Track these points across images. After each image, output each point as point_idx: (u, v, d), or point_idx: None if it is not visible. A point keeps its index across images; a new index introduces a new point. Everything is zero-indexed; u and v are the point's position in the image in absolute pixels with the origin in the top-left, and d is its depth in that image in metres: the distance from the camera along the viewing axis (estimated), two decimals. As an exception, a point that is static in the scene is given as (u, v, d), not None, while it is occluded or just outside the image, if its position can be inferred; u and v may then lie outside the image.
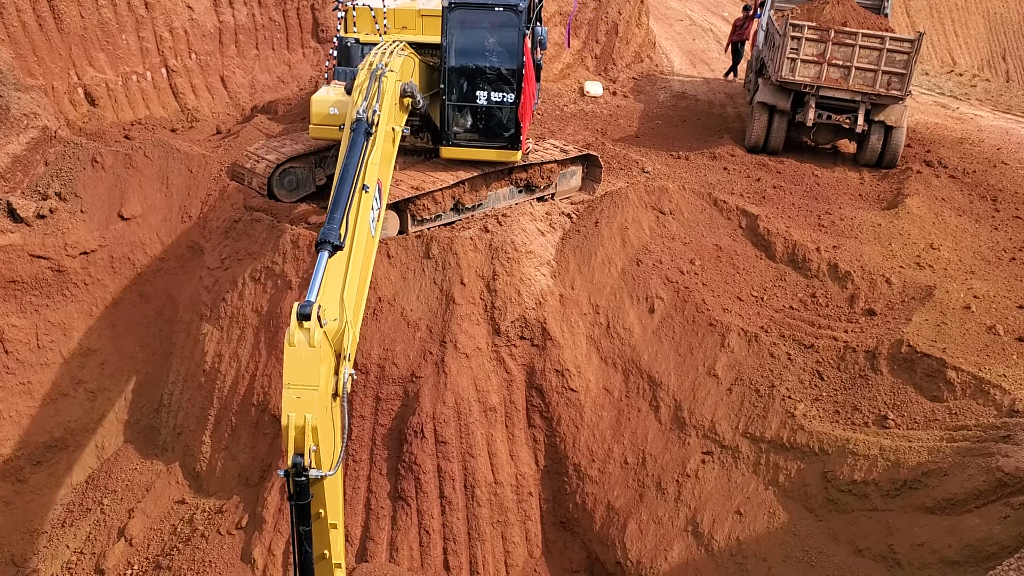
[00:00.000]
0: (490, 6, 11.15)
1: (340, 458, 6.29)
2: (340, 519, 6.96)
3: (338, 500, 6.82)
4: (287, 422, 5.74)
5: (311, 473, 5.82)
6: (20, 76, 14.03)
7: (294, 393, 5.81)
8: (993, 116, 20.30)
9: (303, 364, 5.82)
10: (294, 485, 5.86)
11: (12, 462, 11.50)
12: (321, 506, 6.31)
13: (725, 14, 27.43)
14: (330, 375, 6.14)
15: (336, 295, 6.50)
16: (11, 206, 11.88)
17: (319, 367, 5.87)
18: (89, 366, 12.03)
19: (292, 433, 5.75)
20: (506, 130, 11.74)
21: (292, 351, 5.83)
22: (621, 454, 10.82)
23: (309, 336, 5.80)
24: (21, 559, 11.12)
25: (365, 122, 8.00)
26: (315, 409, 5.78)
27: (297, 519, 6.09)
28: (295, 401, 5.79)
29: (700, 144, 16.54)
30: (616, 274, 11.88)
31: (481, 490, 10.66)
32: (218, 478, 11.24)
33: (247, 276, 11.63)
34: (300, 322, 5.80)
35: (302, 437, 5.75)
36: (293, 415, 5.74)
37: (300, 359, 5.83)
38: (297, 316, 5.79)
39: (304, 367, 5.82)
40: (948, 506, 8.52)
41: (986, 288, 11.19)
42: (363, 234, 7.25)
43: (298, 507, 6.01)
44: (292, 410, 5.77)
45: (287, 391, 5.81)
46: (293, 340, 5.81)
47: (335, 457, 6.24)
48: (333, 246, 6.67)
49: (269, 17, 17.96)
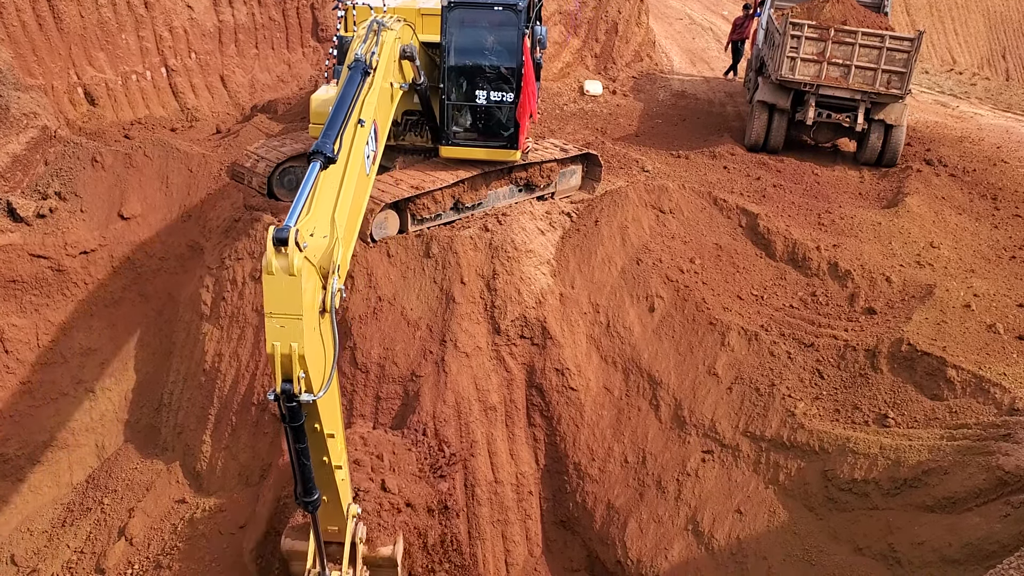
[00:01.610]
0: (489, 5, 11.14)
1: (331, 376, 6.06)
2: (338, 428, 6.80)
3: (334, 412, 6.65)
4: (272, 351, 5.50)
5: (301, 398, 5.67)
6: (20, 76, 14.04)
7: (277, 322, 5.51)
8: (993, 114, 20.31)
9: (283, 293, 5.50)
10: (285, 409, 5.71)
11: (12, 462, 11.50)
12: (316, 422, 6.17)
13: (725, 13, 27.44)
14: (316, 294, 5.82)
15: (327, 212, 6.23)
16: (11, 206, 11.89)
17: (300, 295, 5.53)
18: (89, 366, 12.03)
19: (278, 361, 5.52)
20: (505, 129, 11.74)
21: (271, 279, 5.48)
22: (621, 453, 10.82)
23: (288, 262, 5.45)
24: (21, 559, 11.12)
25: (363, 63, 7.81)
26: (300, 338, 5.52)
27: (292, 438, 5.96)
28: (279, 331, 5.51)
29: (700, 143, 16.54)
30: (616, 273, 11.88)
31: (481, 489, 10.66)
32: (218, 477, 11.23)
33: (247, 276, 11.63)
34: (277, 247, 5.43)
35: (289, 364, 5.54)
36: (278, 344, 5.49)
37: (280, 287, 5.49)
38: (273, 241, 5.41)
39: (285, 296, 5.50)
40: (948, 505, 8.51)
41: (986, 286, 11.18)
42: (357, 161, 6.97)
43: (292, 428, 5.89)
44: (276, 339, 5.50)
45: (269, 320, 5.52)
46: (272, 267, 5.46)
47: (325, 375, 6.00)
48: (326, 158, 6.36)
49: (269, 16, 17.96)
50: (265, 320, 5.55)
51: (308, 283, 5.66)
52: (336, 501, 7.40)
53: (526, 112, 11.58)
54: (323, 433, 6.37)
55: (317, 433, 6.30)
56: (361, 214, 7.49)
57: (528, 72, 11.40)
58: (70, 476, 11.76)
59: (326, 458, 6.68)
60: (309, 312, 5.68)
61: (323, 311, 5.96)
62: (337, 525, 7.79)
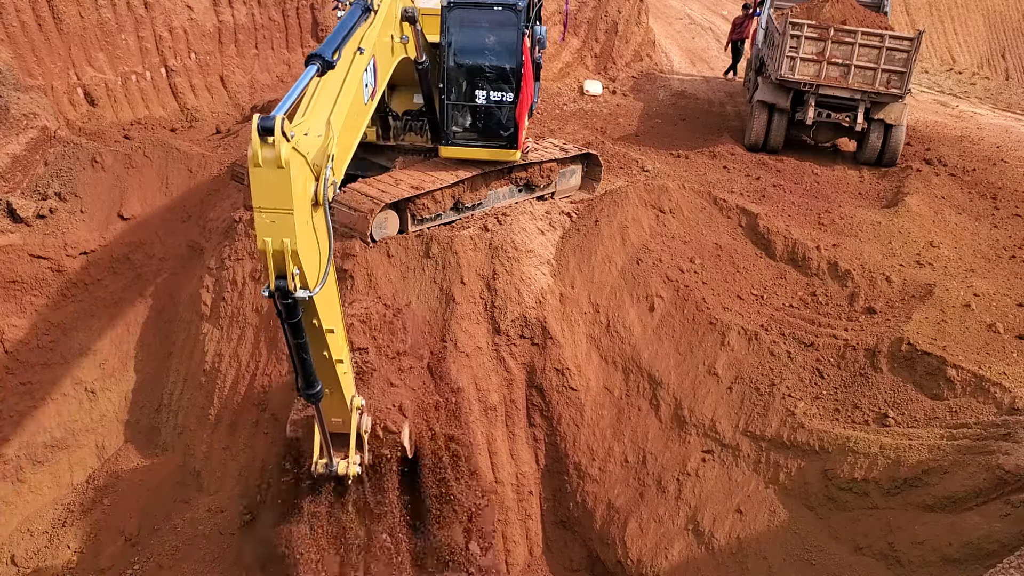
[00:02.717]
0: (489, 5, 11.13)
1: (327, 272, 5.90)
2: (338, 323, 6.66)
3: (333, 307, 6.52)
4: (264, 247, 5.32)
5: (297, 295, 5.52)
6: (20, 76, 14.04)
7: (267, 217, 5.32)
8: (993, 114, 20.32)
9: (272, 186, 5.27)
10: (281, 307, 5.57)
11: (12, 462, 11.50)
12: (314, 318, 6.03)
13: (725, 12, 27.45)
14: (308, 187, 5.61)
15: (323, 116, 6.04)
16: (11, 206, 11.89)
17: (290, 187, 5.30)
18: (89, 366, 12.03)
19: (271, 257, 5.36)
20: (505, 129, 11.74)
21: (258, 172, 5.25)
22: (621, 453, 10.82)
23: (275, 154, 5.21)
24: (21, 559, 11.12)
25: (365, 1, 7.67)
26: (292, 233, 5.33)
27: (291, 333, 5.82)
28: (270, 226, 5.32)
29: (700, 143, 16.54)
30: (616, 273, 11.88)
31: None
32: (218, 478, 11.23)
33: (247, 276, 11.63)
34: (263, 137, 5.16)
35: (282, 260, 5.38)
36: (269, 240, 5.31)
37: (268, 181, 5.26)
38: (259, 130, 5.14)
39: (274, 189, 5.28)
40: (948, 504, 8.51)
41: (986, 286, 11.18)
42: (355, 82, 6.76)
43: (289, 325, 5.75)
44: (268, 235, 5.32)
45: (258, 215, 5.32)
46: (258, 159, 5.21)
47: (321, 271, 5.84)
48: (324, 62, 6.17)
49: (268, 17, 17.96)
50: (255, 215, 5.34)
51: (298, 175, 5.43)
52: (339, 394, 7.24)
53: (525, 112, 11.59)
54: (322, 329, 6.20)
55: (316, 329, 6.12)
56: (356, 140, 7.28)
57: (528, 72, 11.40)
58: (70, 476, 11.76)
59: (326, 353, 6.52)
60: (300, 206, 5.47)
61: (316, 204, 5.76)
62: (341, 417, 7.63)
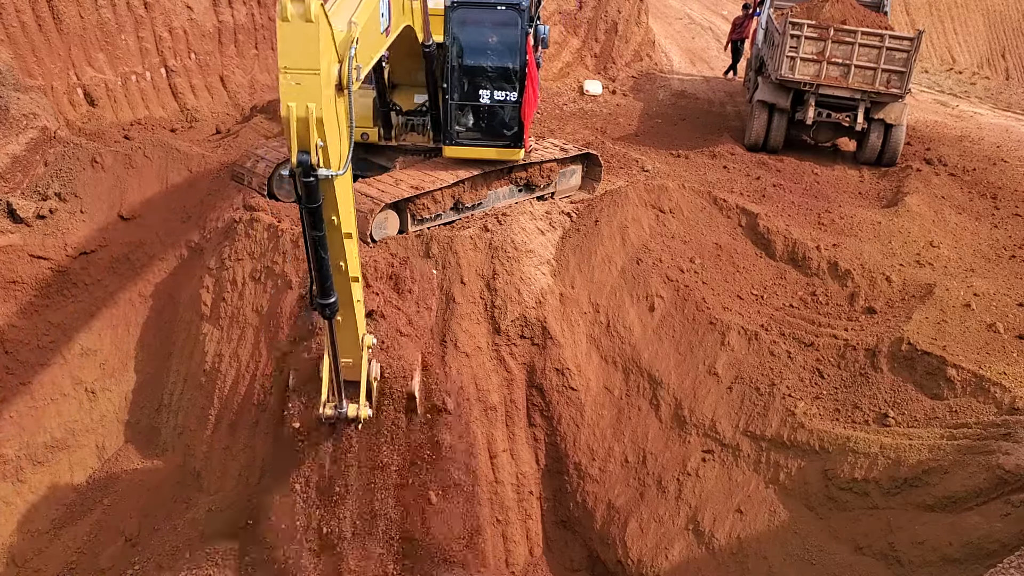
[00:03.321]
0: (492, 4, 11.14)
1: (348, 158, 5.73)
2: (354, 228, 6.51)
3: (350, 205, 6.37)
4: (287, 112, 5.08)
5: (319, 172, 5.28)
6: (19, 76, 14.02)
7: (292, 79, 5.08)
8: (993, 114, 20.33)
9: (300, 42, 5.03)
10: (302, 187, 5.36)
11: (12, 462, 11.49)
12: (333, 212, 5.85)
13: (724, 12, 27.45)
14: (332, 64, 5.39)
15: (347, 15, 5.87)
16: (11, 206, 11.88)
17: (318, 45, 5.07)
18: (89, 366, 12.02)
19: (294, 126, 5.10)
20: (509, 128, 11.74)
21: (286, 27, 5.05)
22: (622, 453, 10.82)
23: (305, 8, 4.98)
24: (21, 559, 11.11)
25: None
26: (319, 98, 5.09)
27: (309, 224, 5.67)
28: (295, 88, 5.07)
29: (700, 142, 16.54)
30: (616, 273, 11.88)
31: (481, 489, 10.66)
32: (218, 478, 11.22)
33: (247, 276, 11.62)
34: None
35: (306, 131, 5.12)
36: (294, 105, 5.06)
37: (296, 36, 5.02)
38: None
39: (302, 46, 5.03)
40: (949, 504, 8.52)
41: (986, 286, 11.18)
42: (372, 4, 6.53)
43: (308, 210, 5.57)
44: (292, 99, 5.07)
45: (284, 76, 5.10)
46: (287, 13, 5.01)
47: (342, 156, 5.67)
48: None
49: (268, 17, 17.94)
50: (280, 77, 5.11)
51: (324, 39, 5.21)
52: (351, 322, 7.11)
53: (530, 111, 11.58)
54: (340, 229, 6.05)
55: (335, 228, 5.97)
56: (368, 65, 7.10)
57: (532, 71, 11.40)
58: (71, 476, 11.75)
59: (343, 263, 6.39)
60: (326, 74, 5.27)
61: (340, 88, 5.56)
62: (352, 356, 7.47)
